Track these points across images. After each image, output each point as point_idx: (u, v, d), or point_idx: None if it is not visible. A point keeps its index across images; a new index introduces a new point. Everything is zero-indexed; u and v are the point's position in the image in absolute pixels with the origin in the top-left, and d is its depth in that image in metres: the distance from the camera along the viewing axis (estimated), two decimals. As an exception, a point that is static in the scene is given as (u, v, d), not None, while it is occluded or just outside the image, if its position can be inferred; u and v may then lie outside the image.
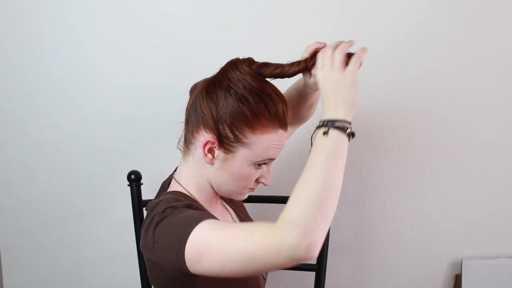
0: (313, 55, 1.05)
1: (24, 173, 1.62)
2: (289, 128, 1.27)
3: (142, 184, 1.40)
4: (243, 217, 1.25)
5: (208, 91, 1.04)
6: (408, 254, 1.66)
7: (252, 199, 1.41)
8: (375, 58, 1.53)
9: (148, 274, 1.08)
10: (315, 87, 1.11)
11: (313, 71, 1.05)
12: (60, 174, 1.62)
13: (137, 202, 1.39)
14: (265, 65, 1.05)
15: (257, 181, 1.10)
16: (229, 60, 1.07)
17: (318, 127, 0.92)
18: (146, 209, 1.09)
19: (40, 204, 1.64)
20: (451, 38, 1.53)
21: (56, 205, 1.64)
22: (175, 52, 1.54)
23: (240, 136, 1.02)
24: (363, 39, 1.54)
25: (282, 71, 1.05)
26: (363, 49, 0.98)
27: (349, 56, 1.00)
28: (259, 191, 1.36)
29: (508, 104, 1.57)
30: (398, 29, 1.53)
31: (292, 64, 1.05)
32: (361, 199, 1.63)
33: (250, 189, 1.11)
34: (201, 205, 1.09)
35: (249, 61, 1.06)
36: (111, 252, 1.67)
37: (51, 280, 1.69)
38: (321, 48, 1.04)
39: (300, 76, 1.13)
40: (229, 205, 1.25)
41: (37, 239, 1.66)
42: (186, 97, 1.11)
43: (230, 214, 1.22)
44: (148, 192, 1.38)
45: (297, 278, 1.68)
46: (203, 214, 0.96)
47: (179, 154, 1.14)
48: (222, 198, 1.22)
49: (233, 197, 1.13)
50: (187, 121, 1.08)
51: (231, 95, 1.02)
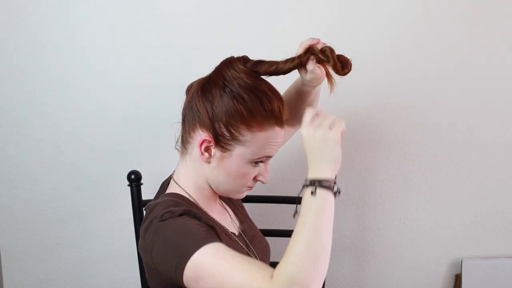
0: (307, 51, 1.06)
1: (24, 173, 1.62)
2: (290, 129, 1.27)
3: (142, 184, 1.40)
4: (242, 218, 1.25)
5: (204, 90, 1.04)
6: (408, 254, 1.67)
7: (252, 199, 1.42)
8: (375, 58, 1.53)
9: (146, 276, 1.08)
10: (313, 84, 1.11)
11: (308, 67, 1.06)
12: (60, 174, 1.61)
13: (137, 202, 1.39)
14: (260, 63, 1.06)
15: (255, 179, 1.10)
16: (224, 59, 1.08)
17: (305, 186, 0.93)
18: (145, 210, 1.10)
19: (40, 204, 1.64)
20: (451, 38, 1.53)
21: (56, 205, 1.64)
22: (175, 52, 1.54)
23: (236, 134, 1.02)
24: (363, 39, 1.56)
25: (277, 68, 1.05)
26: (343, 122, 0.97)
27: (341, 58, 1.03)
28: (259, 191, 1.36)
29: (508, 104, 1.57)
30: (398, 29, 1.53)
31: (287, 61, 1.06)
32: (361, 199, 1.63)
33: (248, 188, 1.11)
34: (200, 207, 1.09)
35: (244, 59, 1.06)
36: (111, 252, 1.67)
37: (51, 280, 1.69)
38: (315, 44, 1.06)
39: (298, 76, 1.13)
40: (228, 206, 1.25)
41: (37, 239, 1.66)
42: (185, 97, 1.11)
43: (229, 214, 1.21)
44: (148, 192, 1.37)
45: (297, 278, 1.67)
46: (206, 232, 0.97)
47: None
48: (221, 198, 1.22)
49: (231, 196, 1.13)
50: (184, 121, 1.09)
51: (226, 94, 1.02)
